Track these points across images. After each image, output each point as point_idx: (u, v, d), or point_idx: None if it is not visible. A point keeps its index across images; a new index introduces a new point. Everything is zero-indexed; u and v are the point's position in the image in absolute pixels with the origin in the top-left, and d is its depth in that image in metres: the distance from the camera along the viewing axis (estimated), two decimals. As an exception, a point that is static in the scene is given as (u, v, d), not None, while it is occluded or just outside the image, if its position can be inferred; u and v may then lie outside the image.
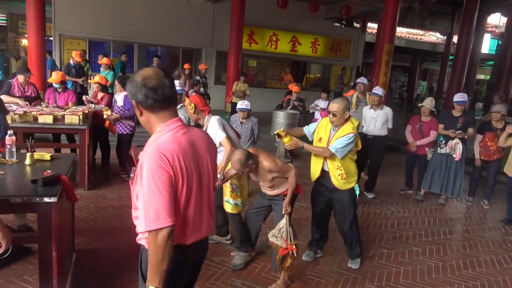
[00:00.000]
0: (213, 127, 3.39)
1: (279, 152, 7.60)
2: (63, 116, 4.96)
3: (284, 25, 12.66)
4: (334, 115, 3.28)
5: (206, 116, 3.50)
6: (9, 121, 4.55)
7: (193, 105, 3.43)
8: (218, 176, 3.16)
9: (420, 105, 5.77)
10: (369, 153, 5.69)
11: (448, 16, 16.48)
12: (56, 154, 3.23)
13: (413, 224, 4.92)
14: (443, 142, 5.46)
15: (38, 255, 2.42)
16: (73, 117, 4.91)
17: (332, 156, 3.32)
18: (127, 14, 11.02)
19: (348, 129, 3.29)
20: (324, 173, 3.48)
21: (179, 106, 4.59)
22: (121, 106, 5.35)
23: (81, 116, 4.94)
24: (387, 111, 5.61)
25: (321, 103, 7.72)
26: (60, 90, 5.93)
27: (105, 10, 10.83)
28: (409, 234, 4.57)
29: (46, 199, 2.30)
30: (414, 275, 3.61)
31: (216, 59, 12.60)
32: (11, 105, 5.14)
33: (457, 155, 5.37)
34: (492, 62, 17.89)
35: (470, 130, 5.32)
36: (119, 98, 5.43)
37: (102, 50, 11.69)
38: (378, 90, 5.62)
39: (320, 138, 3.46)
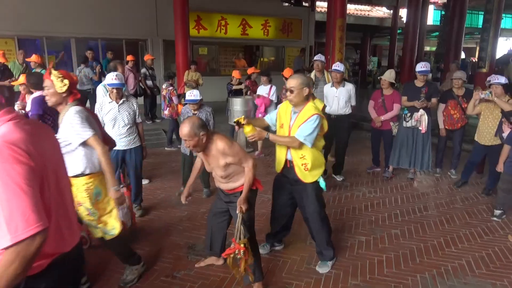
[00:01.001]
0: (71, 121, 2.57)
1: (239, 142, 7.15)
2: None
3: (232, 8, 12.11)
4: (291, 91, 2.88)
5: (68, 104, 2.64)
6: None
7: (66, 81, 2.55)
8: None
9: (379, 77, 5.52)
10: (334, 134, 5.39)
11: (396, -11, 16.64)
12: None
13: (387, 204, 4.68)
14: (408, 115, 5.25)
15: None
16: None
17: (300, 145, 2.91)
18: (60, 7, 9.98)
19: (310, 110, 2.89)
20: (286, 163, 3.09)
21: (121, 101, 3.98)
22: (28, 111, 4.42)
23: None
24: (349, 87, 5.31)
25: (262, 89, 6.82)
26: None
27: (35, 3, 9.72)
28: (385, 216, 4.31)
29: None
30: (397, 262, 3.33)
31: (163, 49, 11.82)
32: None
33: (423, 127, 5.19)
34: (437, 34, 18.41)
35: (434, 99, 5.14)
36: (28, 101, 4.29)
37: (35, 48, 10.56)
38: (338, 66, 5.28)
39: (282, 124, 3.07)
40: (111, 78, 3.92)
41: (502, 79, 4.52)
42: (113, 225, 2.83)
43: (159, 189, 5.12)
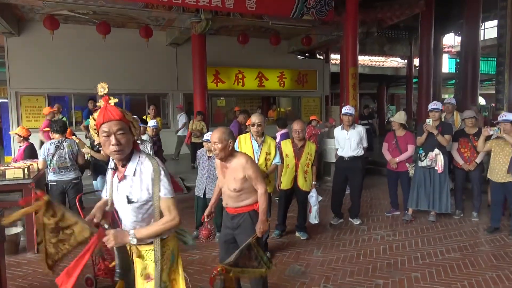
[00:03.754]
0: None
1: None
2: (4, 171, 4.40)
3: (249, 62, 12.65)
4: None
5: None
6: None
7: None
8: None
9: (390, 119, 5.55)
10: (347, 176, 5.34)
11: (406, 41, 17.11)
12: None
13: (406, 247, 4.47)
14: (423, 154, 5.18)
15: None
16: (16, 171, 4.36)
17: None
18: (87, 66, 10.70)
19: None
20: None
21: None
22: None
23: (25, 170, 4.39)
24: (359, 129, 5.34)
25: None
26: None
27: (63, 63, 10.50)
28: (404, 259, 4.10)
29: None
30: (417, 305, 3.13)
31: (183, 101, 12.31)
32: None
33: (439, 166, 5.08)
34: (453, 81, 18.52)
35: (447, 136, 5.07)
36: None
37: (64, 104, 11.21)
38: (349, 109, 5.36)
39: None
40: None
41: (510, 116, 4.47)
42: None
43: (173, 234, 5.08)
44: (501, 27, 8.49)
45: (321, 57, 16.02)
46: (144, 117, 8.45)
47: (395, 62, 20.58)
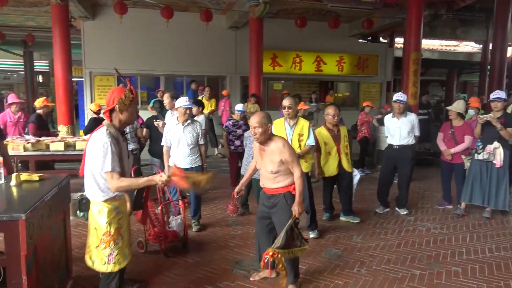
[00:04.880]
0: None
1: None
2: (74, 143, 4.94)
3: (307, 46, 12.51)
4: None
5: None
6: (21, 150, 4.61)
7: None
8: None
9: (447, 108, 5.26)
10: (396, 164, 5.21)
11: (482, 23, 15.67)
12: (46, 175, 3.10)
13: (452, 241, 4.31)
14: (480, 147, 4.88)
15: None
16: (84, 143, 4.88)
17: None
18: (152, 48, 11.34)
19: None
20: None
21: (186, 124, 4.39)
22: None
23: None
24: (412, 117, 5.13)
25: None
26: None
27: (131, 46, 11.22)
28: (447, 253, 3.97)
29: (13, 216, 2.12)
30: (452, 298, 3.06)
31: (240, 84, 12.59)
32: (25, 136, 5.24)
33: (498, 161, 4.76)
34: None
35: (510, 129, 4.70)
36: None
37: (131, 84, 12.03)
38: (401, 96, 5.17)
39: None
40: (185, 100, 4.38)
41: None
42: None
43: (220, 210, 5.37)
44: None
45: (385, 41, 15.31)
46: (200, 97, 8.80)
47: (468, 47, 18.99)
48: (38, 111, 5.91)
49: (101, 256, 2.45)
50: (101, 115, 6.48)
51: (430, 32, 13.95)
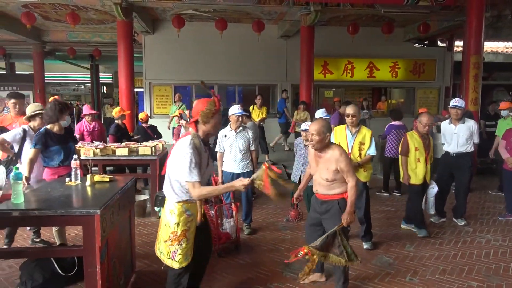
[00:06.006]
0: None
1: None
2: (137, 149, 5.36)
3: (359, 52, 12.36)
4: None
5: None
6: (91, 154, 5.09)
7: None
8: None
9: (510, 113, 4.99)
10: (454, 173, 5.02)
11: (554, 22, 14.47)
12: (115, 177, 3.43)
13: (515, 254, 4.08)
14: (548, 155, 4.57)
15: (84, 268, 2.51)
16: (145, 149, 5.28)
17: None
18: (207, 59, 11.85)
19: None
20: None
21: (238, 131, 4.60)
22: None
23: (153, 148, 5.29)
24: (470, 124, 4.94)
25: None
26: None
27: (187, 58, 11.82)
28: (509, 266, 3.77)
29: (90, 211, 2.41)
30: (512, 313, 2.92)
31: (291, 92, 12.71)
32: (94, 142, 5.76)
33: None
34: None
35: None
36: None
37: (187, 93, 12.68)
38: (458, 102, 5.00)
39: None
40: (237, 108, 4.61)
41: None
42: None
43: (269, 215, 5.51)
44: None
45: (443, 45, 14.66)
46: (251, 107, 9.00)
47: (538, 48, 17.57)
48: (116, 121, 6.41)
49: (167, 249, 2.64)
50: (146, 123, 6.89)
51: (494, 34, 13.11)
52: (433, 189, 4.71)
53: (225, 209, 4.52)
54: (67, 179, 3.23)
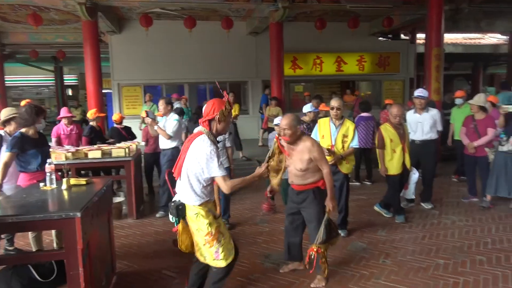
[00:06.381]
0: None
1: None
2: (110, 151, 5.30)
3: (327, 47, 12.63)
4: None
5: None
6: (63, 159, 4.99)
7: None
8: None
9: (469, 102, 5.31)
10: (420, 160, 5.29)
11: (508, 14, 15.28)
12: (91, 179, 3.41)
13: (478, 232, 4.37)
14: (504, 138, 4.91)
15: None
16: (119, 151, 5.24)
17: None
18: (176, 57, 11.76)
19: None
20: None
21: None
22: None
23: (126, 150, 5.24)
24: (433, 113, 5.22)
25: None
26: None
27: (156, 57, 11.68)
28: (472, 243, 4.05)
29: (70, 214, 2.42)
30: (476, 285, 3.16)
31: (262, 88, 12.81)
32: (65, 145, 5.64)
33: (523, 152, 4.77)
34: None
35: (535, 121, 4.73)
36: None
37: (157, 92, 12.52)
38: (422, 92, 5.28)
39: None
40: None
41: None
42: None
43: (248, 209, 5.60)
44: None
45: (406, 38, 15.20)
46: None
47: (494, 38, 18.53)
48: (91, 123, 6.32)
49: (209, 252, 2.65)
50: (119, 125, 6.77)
51: (453, 26, 13.71)
52: (415, 175, 4.93)
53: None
54: (41, 184, 3.19)
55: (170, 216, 2.68)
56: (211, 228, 2.62)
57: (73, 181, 3.24)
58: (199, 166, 2.57)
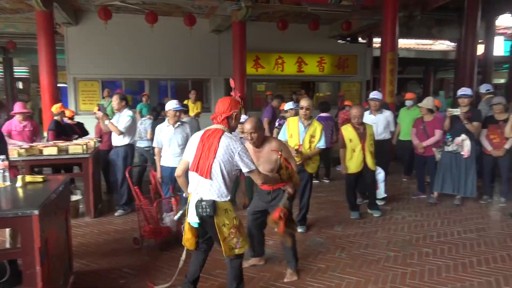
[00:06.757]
0: None
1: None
2: (67, 147, 5.13)
3: (289, 47, 12.86)
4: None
5: None
6: (15, 155, 4.78)
7: None
8: None
9: (418, 105, 5.68)
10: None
11: (455, 23, 16.34)
12: (49, 176, 3.32)
13: (425, 226, 4.70)
14: (450, 139, 5.29)
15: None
16: (76, 147, 5.08)
17: None
18: (137, 53, 11.46)
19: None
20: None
21: (176, 125, 4.66)
22: None
23: (84, 146, 5.10)
24: (387, 114, 5.54)
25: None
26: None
27: (115, 51, 11.33)
28: (420, 236, 4.36)
29: (27, 212, 2.36)
30: (422, 275, 3.42)
31: (224, 87, 12.84)
32: (17, 142, 5.39)
33: (465, 152, 5.18)
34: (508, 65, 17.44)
35: (475, 123, 5.14)
36: None
37: (116, 88, 12.15)
38: (376, 94, 5.58)
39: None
40: (175, 103, 4.66)
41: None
42: None
43: (209, 207, 5.62)
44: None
45: (364, 41, 15.82)
46: (186, 101, 9.03)
47: (443, 45, 19.71)
48: (55, 118, 6.15)
49: (229, 245, 2.73)
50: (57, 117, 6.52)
51: (407, 32, 14.43)
52: (380, 174, 5.11)
53: (164, 203, 4.56)
54: (-7, 182, 3.06)
55: (196, 215, 2.68)
56: (236, 221, 2.75)
57: (28, 178, 3.13)
58: (231, 162, 2.67)
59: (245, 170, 2.72)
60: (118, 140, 5.20)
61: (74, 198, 5.36)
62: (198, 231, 2.87)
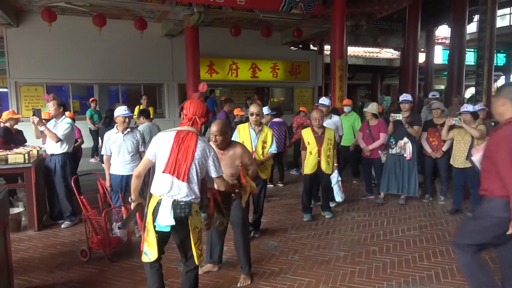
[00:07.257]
0: None
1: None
2: (6, 157, 4.81)
3: (242, 53, 12.98)
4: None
5: None
6: None
7: None
8: None
9: (364, 110, 5.96)
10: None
11: (399, 32, 17.34)
12: (-17, 188, 3.10)
13: (373, 226, 4.93)
14: (393, 142, 5.60)
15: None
16: (17, 157, 4.78)
17: None
18: (84, 56, 11.03)
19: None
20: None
21: (126, 132, 4.54)
22: None
23: (26, 155, 4.81)
24: (335, 119, 5.76)
25: None
26: None
27: (61, 54, 10.82)
28: (367, 236, 4.56)
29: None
30: (369, 272, 3.58)
31: (178, 92, 12.69)
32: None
33: (408, 154, 5.50)
34: (446, 72, 18.80)
35: (416, 127, 5.49)
36: None
37: (62, 93, 11.58)
38: (324, 100, 5.78)
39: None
40: (124, 109, 4.52)
41: (470, 107, 4.89)
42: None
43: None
44: (482, 21, 8.81)
45: (315, 48, 16.32)
46: (137, 107, 8.80)
47: (389, 53, 20.84)
48: (5, 124, 5.78)
49: (198, 251, 2.66)
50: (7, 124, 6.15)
51: (355, 40, 15.12)
52: (334, 178, 5.19)
53: (114, 213, 4.41)
54: None
55: (174, 216, 2.56)
56: (201, 225, 2.74)
57: (-40, 191, 2.91)
58: (204, 166, 2.68)
59: (214, 174, 2.73)
60: (55, 148, 4.96)
61: (15, 210, 5.03)
62: (162, 238, 2.72)
